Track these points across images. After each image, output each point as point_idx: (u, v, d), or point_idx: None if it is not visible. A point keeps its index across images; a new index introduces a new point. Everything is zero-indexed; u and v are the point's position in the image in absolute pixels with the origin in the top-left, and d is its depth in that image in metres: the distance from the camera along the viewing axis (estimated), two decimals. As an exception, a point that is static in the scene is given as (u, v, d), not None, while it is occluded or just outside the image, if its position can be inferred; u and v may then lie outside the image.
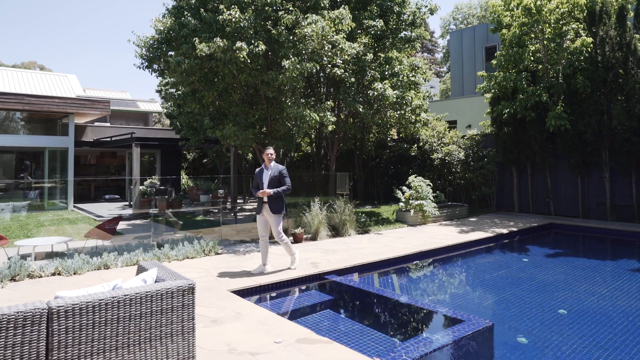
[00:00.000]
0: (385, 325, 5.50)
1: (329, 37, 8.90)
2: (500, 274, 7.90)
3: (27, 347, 2.72)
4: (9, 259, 6.81)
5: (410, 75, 12.20)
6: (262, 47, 8.56)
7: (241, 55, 8.24)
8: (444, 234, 10.46)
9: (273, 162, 6.80)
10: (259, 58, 8.92)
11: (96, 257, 7.24)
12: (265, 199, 6.60)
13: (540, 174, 13.88)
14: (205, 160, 25.93)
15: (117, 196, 21.68)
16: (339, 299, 6.49)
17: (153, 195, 19.38)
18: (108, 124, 26.03)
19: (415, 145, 16.66)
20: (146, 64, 9.69)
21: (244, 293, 5.85)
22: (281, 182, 6.69)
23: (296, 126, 9.23)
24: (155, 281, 3.56)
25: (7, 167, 18.82)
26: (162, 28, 9.05)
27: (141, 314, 3.12)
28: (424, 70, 14.49)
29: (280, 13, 8.78)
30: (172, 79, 10.17)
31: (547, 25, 12.09)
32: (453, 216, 13.17)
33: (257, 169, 6.84)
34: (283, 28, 8.82)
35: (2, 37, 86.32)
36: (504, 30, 12.90)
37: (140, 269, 3.97)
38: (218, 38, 8.14)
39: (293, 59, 8.43)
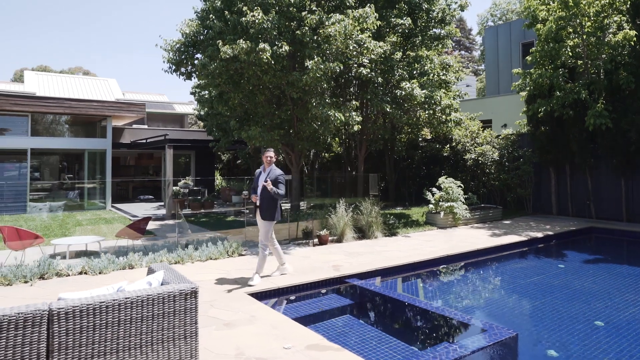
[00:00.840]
0: (403, 333, 5.31)
1: (353, 36, 8.75)
2: (532, 281, 7.51)
3: (27, 348, 2.75)
4: (51, 256, 7.06)
5: (441, 74, 11.85)
6: (286, 47, 8.52)
7: (264, 57, 8.23)
8: (474, 237, 10.09)
9: (273, 165, 6.48)
10: (283, 59, 8.89)
11: (122, 257, 7.39)
12: (258, 203, 6.34)
13: (580, 175, 13.17)
14: (239, 161, 26.28)
15: (151, 196, 22.27)
16: (358, 304, 6.34)
17: (186, 195, 19.81)
18: (145, 126, 26.83)
19: (448, 146, 16.21)
20: (174, 67, 9.86)
21: (261, 296, 5.80)
22: (276, 187, 6.31)
23: (322, 127, 9.13)
24: (162, 284, 3.54)
25: (53, 168, 19.71)
26: (188, 31, 9.16)
27: (143, 317, 3.10)
28: (457, 69, 14.07)
29: (303, 13, 8.71)
30: (200, 82, 10.29)
31: (586, 18, 11.44)
32: (486, 219, 12.70)
33: (257, 170, 6.60)
34: (307, 28, 8.75)
35: (51, 44, 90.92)
36: (539, 25, 12.30)
37: (150, 272, 3.97)
38: (241, 40, 8.16)
39: (316, 59, 8.34)
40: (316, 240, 9.66)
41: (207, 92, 11.22)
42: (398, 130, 16.36)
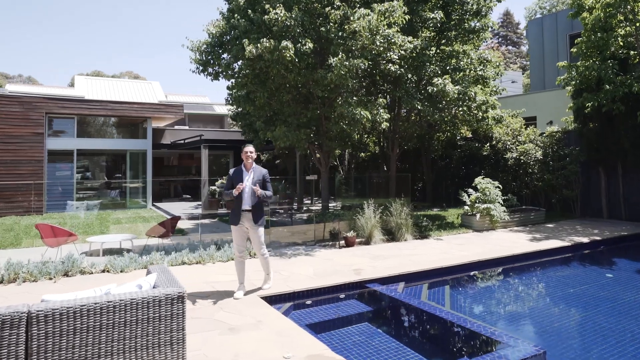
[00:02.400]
0: (419, 345, 4.97)
1: (380, 31, 8.42)
2: (574, 292, 6.91)
3: (5, 350, 2.69)
4: (81, 254, 7.23)
5: (478, 69, 11.26)
6: (310, 45, 8.33)
7: (288, 55, 8.07)
8: (511, 242, 9.48)
9: (254, 163, 5.76)
10: (308, 57, 8.70)
11: (145, 255, 7.46)
12: (248, 207, 5.56)
13: (634, 175, 12.14)
14: (278, 161, 26.38)
15: (188, 196, 22.77)
16: (377, 311, 6.04)
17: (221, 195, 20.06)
18: (186, 127, 27.51)
19: (488, 144, 15.46)
20: (201, 68, 9.91)
21: (273, 300, 5.62)
22: (265, 188, 5.70)
23: (349, 125, 8.86)
24: (154, 287, 3.43)
25: (101, 168, 20.58)
26: (213, 32, 9.16)
27: (126, 321, 2.99)
28: (497, 64, 13.37)
29: (327, 9, 8.48)
30: (227, 82, 10.31)
31: (639, 4, 10.49)
32: (527, 221, 11.96)
33: (232, 170, 5.79)
34: (332, 24, 8.51)
35: (104, 50, 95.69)
36: (585, 14, 11.40)
37: (148, 273, 3.88)
38: (264, 38, 8.04)
39: (340, 56, 8.09)
40: (343, 242, 9.42)
41: (234, 92, 11.22)
42: (435, 129, 15.78)
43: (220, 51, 9.75)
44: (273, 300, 5.62)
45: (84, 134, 18.36)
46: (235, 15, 8.98)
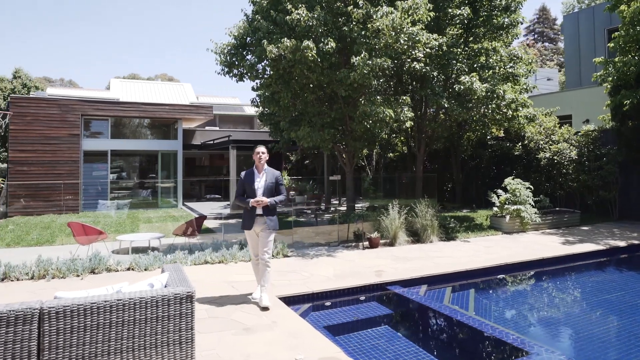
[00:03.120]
0: (437, 350, 4.83)
1: (404, 29, 8.27)
2: (608, 298, 6.58)
3: (18, 345, 2.77)
4: (112, 252, 7.45)
5: (508, 66, 10.91)
6: (332, 44, 8.27)
7: (309, 55, 8.04)
8: (542, 245, 9.13)
9: (266, 164, 5.41)
10: (331, 56, 8.64)
11: (170, 254, 7.59)
12: (260, 211, 5.23)
13: (678, 176, 11.48)
14: (307, 161, 26.46)
15: (218, 195, 23.12)
16: (397, 315, 5.91)
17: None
18: (216, 128, 27.97)
19: (520, 144, 14.97)
20: (226, 69, 10.01)
21: (291, 300, 5.60)
22: (278, 191, 5.34)
23: (373, 124, 8.74)
24: (165, 286, 3.46)
25: (134, 168, 21.20)
26: (236, 33, 9.24)
27: (135, 319, 3.02)
28: (530, 61, 12.92)
29: (349, 8, 8.40)
30: (252, 82, 10.37)
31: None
32: (560, 224, 11.50)
33: (244, 172, 5.43)
34: (354, 23, 8.43)
35: (141, 54, 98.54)
36: (623, 7, 10.82)
37: (163, 272, 3.92)
38: (285, 38, 8.04)
39: (362, 55, 7.99)
40: (366, 243, 9.31)
41: (261, 92, 11.28)
42: (464, 128, 15.42)
43: (244, 53, 9.83)
44: (291, 300, 5.60)
45: (118, 135, 18.94)
46: (257, 16, 9.03)
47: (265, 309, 5.04)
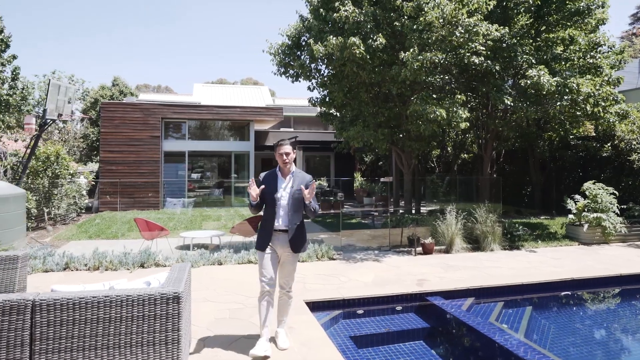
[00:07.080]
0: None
1: (459, 21, 7.71)
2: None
3: (12, 333, 2.92)
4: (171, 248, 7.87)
5: (588, 56, 9.74)
6: (382, 40, 7.94)
7: (357, 52, 7.80)
8: (624, 259, 8.00)
9: (294, 167, 4.25)
10: (382, 53, 8.32)
11: (217, 252, 7.79)
12: (284, 226, 4.01)
13: None
14: (381, 162, 26.03)
15: (279, 195, 23.41)
16: (432, 329, 5.46)
17: (318, 196, 20.38)
18: (291, 129, 28.55)
19: (609, 144, 13.34)
20: (282, 70, 10.09)
21: (317, 306, 5.42)
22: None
23: (423, 125, 8.25)
24: (161, 285, 3.48)
25: (211, 168, 22.35)
26: (289, 33, 9.25)
27: (122, 317, 3.06)
28: (621, 49, 11.45)
29: (398, 2, 8.00)
30: (307, 82, 10.34)
31: None
32: (653, 236, 10.03)
33: (263, 174, 4.23)
34: (406, 18, 8.02)
35: (229, 58, 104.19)
36: None
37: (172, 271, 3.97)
38: (331, 36, 7.87)
39: (412, 50, 7.57)
40: (420, 249, 8.84)
41: (319, 92, 11.22)
42: (543, 127, 14.11)
43: (299, 53, 9.83)
44: (317, 306, 5.42)
45: (195, 137, 20.06)
46: (308, 15, 8.97)
47: (283, 349, 4.00)
